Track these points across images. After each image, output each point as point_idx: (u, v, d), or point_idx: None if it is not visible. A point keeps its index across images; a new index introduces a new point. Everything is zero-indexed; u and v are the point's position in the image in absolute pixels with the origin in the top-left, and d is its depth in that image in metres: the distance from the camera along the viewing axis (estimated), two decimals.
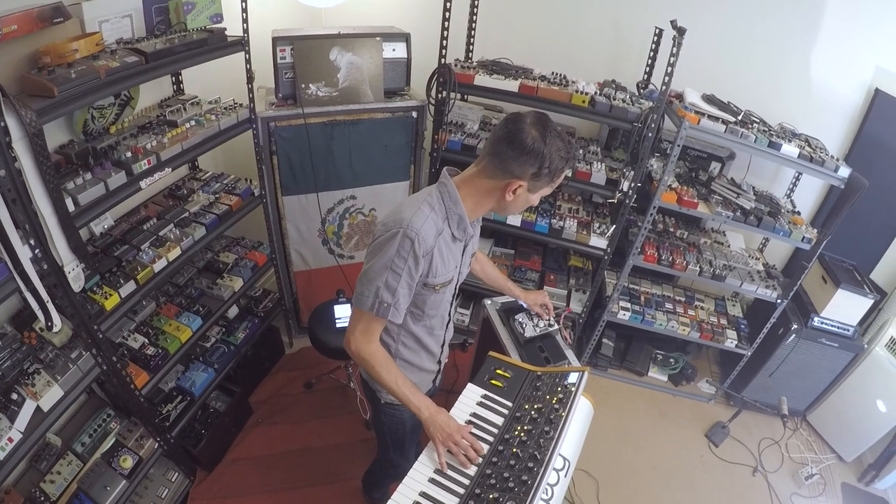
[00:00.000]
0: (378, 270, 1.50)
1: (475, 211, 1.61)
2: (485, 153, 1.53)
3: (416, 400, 1.61)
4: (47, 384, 1.84)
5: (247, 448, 2.92)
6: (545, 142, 1.43)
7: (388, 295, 1.52)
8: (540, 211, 3.21)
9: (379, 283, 1.51)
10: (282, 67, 2.70)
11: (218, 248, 3.02)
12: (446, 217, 1.56)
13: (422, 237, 1.47)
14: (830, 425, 3.42)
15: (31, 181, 1.57)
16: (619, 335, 3.76)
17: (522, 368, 1.84)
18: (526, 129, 1.43)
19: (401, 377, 1.63)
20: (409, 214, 1.49)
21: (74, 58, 1.82)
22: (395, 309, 1.54)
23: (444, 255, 1.58)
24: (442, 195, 1.57)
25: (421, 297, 1.63)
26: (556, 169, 1.49)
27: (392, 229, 1.48)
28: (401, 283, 1.51)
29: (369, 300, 1.52)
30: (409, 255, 1.48)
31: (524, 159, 1.44)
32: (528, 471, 1.42)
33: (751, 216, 2.85)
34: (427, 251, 1.50)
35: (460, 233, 1.60)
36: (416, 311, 1.69)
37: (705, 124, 2.64)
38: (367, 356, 1.61)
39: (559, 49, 3.30)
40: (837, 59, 3.03)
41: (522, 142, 1.43)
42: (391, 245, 1.48)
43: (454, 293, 1.81)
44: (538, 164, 1.45)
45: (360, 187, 3.15)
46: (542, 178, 1.49)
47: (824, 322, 3.11)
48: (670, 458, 3.17)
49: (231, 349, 2.89)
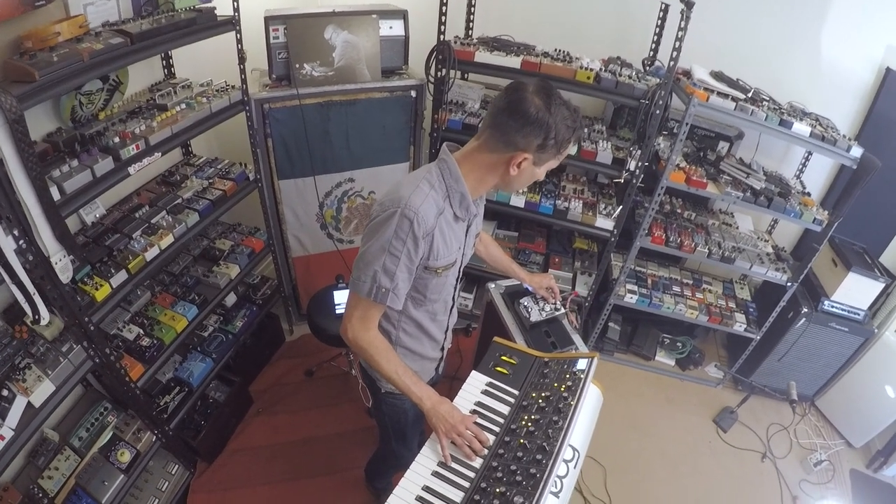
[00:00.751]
0: (375, 253, 1.43)
1: (478, 188, 1.52)
2: (485, 126, 1.44)
3: (417, 390, 1.54)
4: (38, 379, 1.79)
5: (247, 438, 2.88)
6: (550, 111, 1.34)
7: (387, 279, 1.44)
8: (544, 192, 3.14)
9: (376, 266, 1.43)
10: (275, 47, 2.61)
11: (214, 236, 2.96)
12: (447, 195, 1.48)
13: (421, 216, 1.39)
14: (839, 411, 3.38)
15: (13, 169, 1.51)
16: (626, 319, 3.70)
17: (529, 354, 1.78)
18: (529, 97, 1.34)
19: (401, 366, 1.56)
20: (408, 192, 1.41)
21: (57, 41, 1.76)
22: (395, 294, 1.46)
23: (446, 235, 1.50)
24: (442, 172, 1.48)
25: (422, 280, 1.55)
26: (562, 139, 1.40)
27: (389, 209, 1.40)
28: (399, 267, 1.43)
29: (366, 285, 1.45)
30: (407, 237, 1.40)
31: (528, 130, 1.36)
32: (536, 463, 1.36)
33: (761, 196, 2.77)
34: (427, 232, 1.42)
35: (462, 212, 1.52)
36: (418, 296, 1.61)
37: (714, 101, 2.55)
38: (366, 344, 1.54)
39: (562, 26, 3.20)
40: (848, 37, 2.95)
41: (525, 111, 1.34)
42: (388, 226, 1.40)
43: (458, 276, 1.73)
44: (543, 135, 1.36)
45: (359, 170, 3.08)
46: (549, 150, 1.41)
47: (834, 306, 3.05)
48: (678, 444, 3.13)
49: (229, 338, 2.84)
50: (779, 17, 2.97)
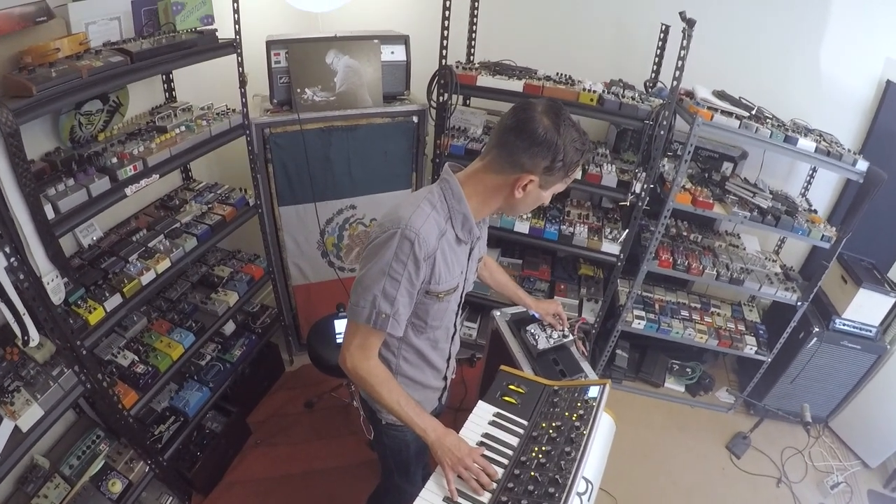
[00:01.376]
0: (374, 277, 1.36)
1: (481, 210, 1.46)
2: (491, 145, 1.38)
3: (421, 421, 1.45)
4: (26, 403, 1.72)
5: (245, 471, 2.78)
6: (559, 132, 1.29)
7: (387, 305, 1.37)
8: (549, 217, 3.11)
9: (376, 291, 1.36)
10: (276, 72, 2.61)
11: (213, 262, 2.91)
12: (449, 217, 1.42)
13: (422, 238, 1.32)
14: (853, 431, 3.28)
15: (6, 185, 1.47)
16: (633, 346, 3.62)
17: (537, 383, 1.70)
18: (537, 117, 1.29)
19: (403, 396, 1.47)
20: (408, 213, 1.34)
21: (56, 57, 1.75)
22: (395, 321, 1.39)
23: (448, 258, 1.44)
24: (444, 192, 1.42)
25: (423, 306, 1.48)
26: (570, 162, 1.34)
27: (389, 230, 1.34)
28: (400, 291, 1.36)
29: (365, 311, 1.37)
30: (408, 259, 1.33)
31: (535, 151, 1.30)
32: (548, 497, 1.28)
33: (768, 216, 2.73)
34: (429, 254, 1.36)
35: (465, 234, 1.45)
36: (418, 323, 1.54)
37: (719, 120, 2.53)
38: (365, 374, 1.46)
39: (563, 50, 3.21)
40: (846, 52, 2.95)
41: (533, 132, 1.28)
42: (388, 247, 1.33)
43: (459, 302, 1.66)
44: (551, 157, 1.30)
45: (360, 196, 3.04)
46: (556, 173, 1.34)
47: (846, 323, 2.99)
48: (691, 473, 3.03)
49: (227, 367, 2.77)
50: (776, 36, 2.98)
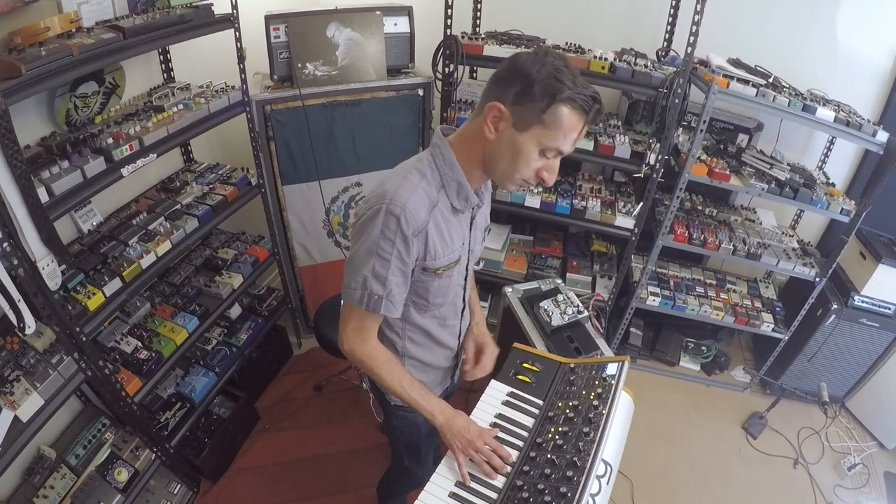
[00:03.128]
0: (363, 257, 1.28)
1: (471, 168, 1.33)
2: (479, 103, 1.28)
3: (427, 403, 1.40)
4: (26, 392, 1.68)
5: (253, 456, 2.75)
6: (537, 58, 1.15)
7: (378, 285, 1.29)
8: (560, 191, 3.02)
9: (365, 271, 1.28)
10: (276, 47, 2.52)
11: (216, 245, 2.85)
12: (441, 185, 1.32)
13: (409, 212, 1.23)
14: (870, 411, 3.22)
15: None
16: (648, 324, 3.55)
17: (553, 361, 1.64)
18: (521, 55, 1.19)
19: (406, 378, 1.42)
20: (394, 186, 1.25)
21: (46, 36, 1.69)
22: (389, 301, 1.32)
23: (444, 231, 1.34)
24: (435, 159, 1.32)
25: (422, 283, 1.40)
26: (547, 91, 1.13)
27: (374, 206, 1.25)
28: (391, 271, 1.28)
29: (357, 292, 1.31)
30: (396, 236, 1.24)
31: (505, 78, 1.18)
32: (566, 480, 1.22)
33: (786, 188, 2.63)
34: (419, 228, 1.26)
35: (461, 202, 1.35)
36: (420, 301, 1.45)
37: (735, 88, 2.42)
38: (364, 357, 1.40)
39: (571, 18, 3.10)
40: (863, 21, 2.84)
41: (511, 62, 1.19)
42: (374, 225, 1.24)
43: (465, 275, 1.55)
44: (522, 81, 1.14)
45: (366, 173, 2.96)
46: (528, 104, 1.15)
47: (864, 300, 2.90)
48: (707, 453, 2.97)
49: (233, 351, 2.72)
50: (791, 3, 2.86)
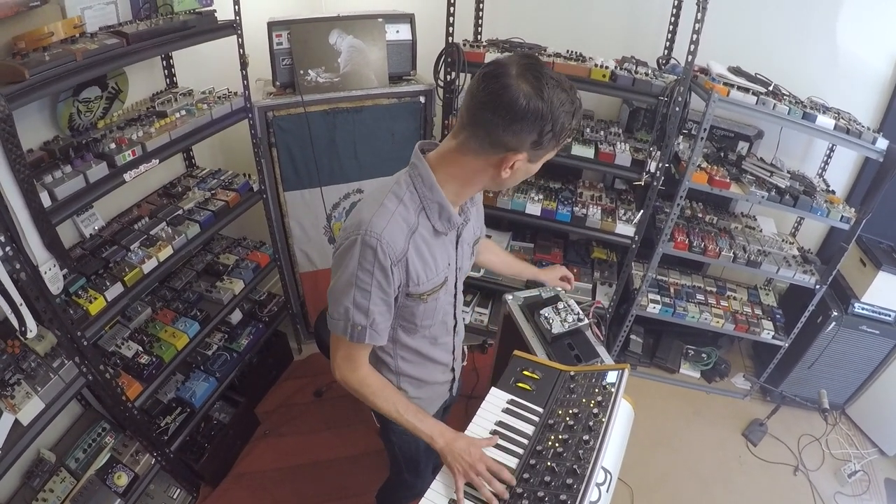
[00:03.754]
0: (343, 288, 1.25)
1: (461, 193, 1.30)
2: (464, 123, 1.17)
3: (425, 427, 1.36)
4: (27, 396, 1.69)
5: (253, 462, 2.75)
6: (542, 97, 1.07)
7: (361, 316, 1.26)
8: (561, 199, 3.03)
9: (346, 303, 1.25)
10: (279, 54, 2.53)
11: (218, 250, 2.86)
12: (421, 207, 1.26)
13: (386, 242, 1.19)
14: (871, 418, 3.22)
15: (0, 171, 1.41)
16: (648, 331, 3.56)
17: (553, 368, 1.63)
18: (513, 84, 1.06)
19: (402, 402, 1.38)
20: (369, 214, 1.20)
21: (50, 41, 1.71)
22: (373, 331, 1.29)
23: (426, 255, 1.29)
24: (413, 181, 1.26)
25: (407, 309, 1.37)
26: (561, 129, 1.13)
27: (350, 235, 1.21)
28: (373, 301, 1.25)
29: (340, 323, 1.28)
30: (374, 267, 1.20)
31: (519, 127, 1.09)
32: (566, 488, 1.21)
33: (786, 195, 2.64)
34: (398, 258, 1.22)
35: (444, 224, 1.29)
36: (407, 325, 1.43)
37: (735, 96, 2.44)
38: (357, 385, 1.39)
39: (572, 27, 3.11)
40: (864, 27, 2.85)
41: (512, 104, 1.07)
42: (351, 256, 1.21)
43: (455, 293, 1.52)
44: (538, 129, 1.10)
45: (367, 180, 2.96)
46: (546, 145, 1.15)
47: (865, 308, 2.90)
48: (707, 460, 2.97)
49: (234, 356, 2.73)
50: (791, 11, 2.88)
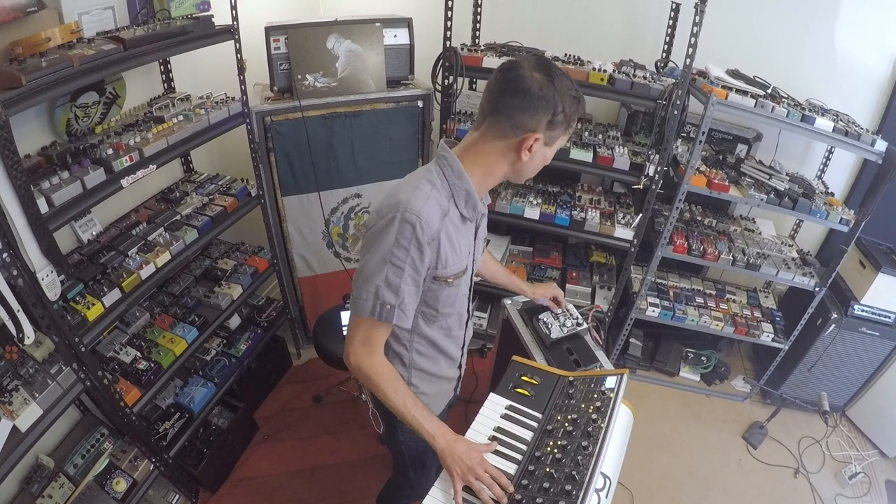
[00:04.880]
0: (375, 266, 1.28)
1: (485, 181, 1.39)
2: (486, 113, 1.31)
3: (429, 426, 1.37)
4: (25, 402, 1.67)
5: (252, 467, 2.74)
6: (553, 84, 1.24)
7: (391, 294, 1.29)
8: (560, 203, 3.03)
9: (378, 280, 1.28)
10: (276, 59, 2.53)
11: (216, 255, 2.85)
12: (451, 194, 1.35)
13: (424, 220, 1.25)
14: (871, 420, 3.21)
15: None
16: (647, 334, 3.55)
17: (551, 374, 1.64)
18: (527, 74, 1.23)
19: (410, 397, 1.40)
20: (407, 195, 1.27)
21: (47, 47, 1.70)
22: (401, 311, 1.32)
23: (454, 239, 1.36)
24: (443, 170, 1.35)
25: (432, 293, 1.41)
26: (570, 112, 1.29)
27: (387, 215, 1.26)
28: (404, 279, 1.29)
29: (368, 303, 1.30)
30: (410, 244, 1.26)
31: (535, 108, 1.24)
32: (565, 494, 1.21)
33: (785, 198, 2.64)
34: (433, 236, 1.28)
35: (469, 211, 1.38)
36: (429, 311, 1.47)
37: (734, 99, 2.44)
38: (370, 372, 1.39)
39: (570, 31, 3.13)
40: (862, 29, 2.85)
41: (528, 89, 1.23)
42: (388, 233, 1.26)
43: (470, 286, 1.57)
44: (551, 111, 1.25)
45: (365, 184, 2.97)
46: (558, 126, 1.29)
47: (864, 309, 2.90)
48: (707, 463, 2.96)
49: (232, 362, 2.72)
50: (789, 13, 2.88)
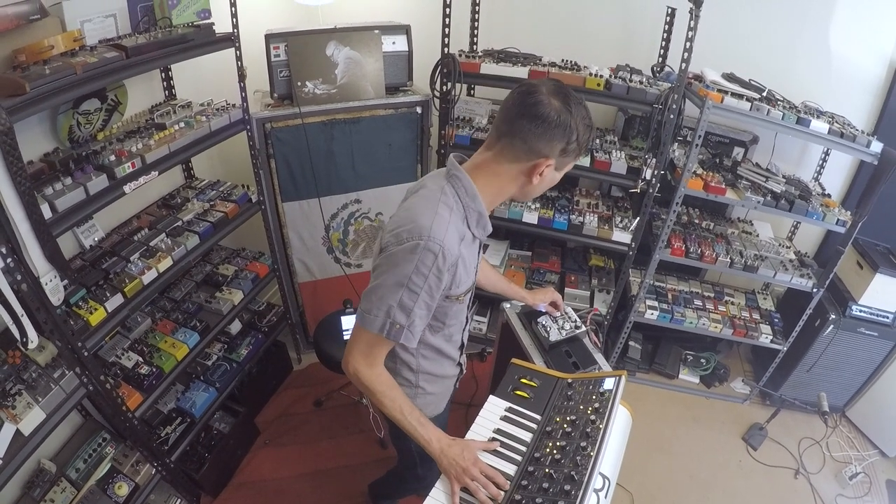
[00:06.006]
0: (390, 288, 1.29)
1: (495, 201, 1.42)
2: (500, 133, 1.32)
3: (424, 431, 1.40)
4: (28, 406, 1.69)
5: (254, 471, 2.75)
6: (571, 112, 1.26)
7: (402, 316, 1.31)
8: (558, 207, 3.04)
9: (391, 301, 1.29)
10: (276, 66, 2.56)
11: (217, 261, 2.87)
12: (465, 216, 1.36)
13: (447, 249, 1.27)
14: (871, 420, 3.22)
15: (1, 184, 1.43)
16: (646, 337, 3.55)
17: (550, 376, 1.65)
18: (546, 100, 1.25)
19: (407, 405, 1.42)
20: (428, 221, 1.27)
21: (50, 54, 1.73)
22: (410, 332, 1.33)
23: (467, 261, 1.39)
24: (457, 191, 1.35)
25: (442, 309, 1.45)
26: (584, 140, 1.32)
27: (408, 241, 1.26)
28: (418, 304, 1.30)
29: (378, 320, 1.31)
30: (430, 272, 1.27)
31: (552, 135, 1.26)
32: (564, 494, 1.23)
33: (782, 200, 2.66)
34: (452, 263, 1.30)
35: (480, 231, 1.41)
36: (437, 324, 1.51)
37: (729, 102, 2.46)
38: (368, 381, 1.40)
39: (567, 36, 3.15)
40: (857, 31, 2.87)
41: (546, 116, 1.24)
42: (409, 260, 1.26)
43: (471, 296, 1.62)
44: (566, 139, 1.28)
45: (365, 190, 2.99)
46: (571, 154, 1.32)
47: (862, 310, 2.91)
48: (707, 465, 2.97)
49: (234, 367, 2.74)
50: (784, 16, 2.90)
